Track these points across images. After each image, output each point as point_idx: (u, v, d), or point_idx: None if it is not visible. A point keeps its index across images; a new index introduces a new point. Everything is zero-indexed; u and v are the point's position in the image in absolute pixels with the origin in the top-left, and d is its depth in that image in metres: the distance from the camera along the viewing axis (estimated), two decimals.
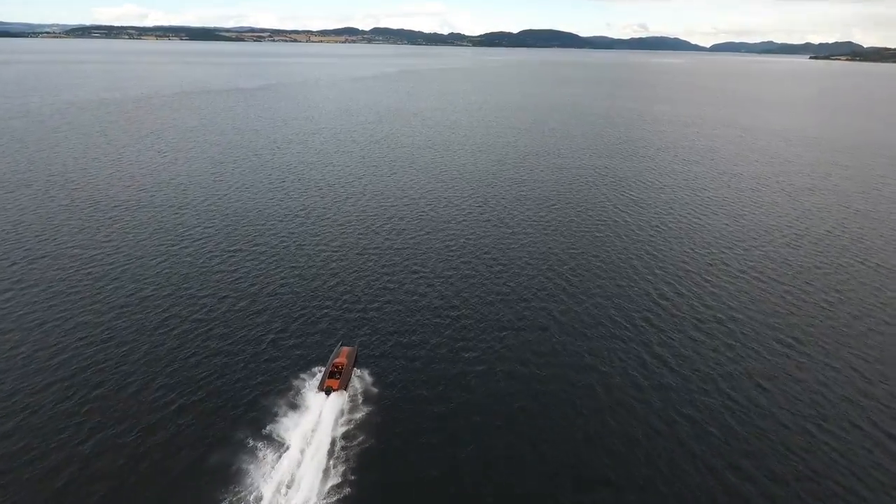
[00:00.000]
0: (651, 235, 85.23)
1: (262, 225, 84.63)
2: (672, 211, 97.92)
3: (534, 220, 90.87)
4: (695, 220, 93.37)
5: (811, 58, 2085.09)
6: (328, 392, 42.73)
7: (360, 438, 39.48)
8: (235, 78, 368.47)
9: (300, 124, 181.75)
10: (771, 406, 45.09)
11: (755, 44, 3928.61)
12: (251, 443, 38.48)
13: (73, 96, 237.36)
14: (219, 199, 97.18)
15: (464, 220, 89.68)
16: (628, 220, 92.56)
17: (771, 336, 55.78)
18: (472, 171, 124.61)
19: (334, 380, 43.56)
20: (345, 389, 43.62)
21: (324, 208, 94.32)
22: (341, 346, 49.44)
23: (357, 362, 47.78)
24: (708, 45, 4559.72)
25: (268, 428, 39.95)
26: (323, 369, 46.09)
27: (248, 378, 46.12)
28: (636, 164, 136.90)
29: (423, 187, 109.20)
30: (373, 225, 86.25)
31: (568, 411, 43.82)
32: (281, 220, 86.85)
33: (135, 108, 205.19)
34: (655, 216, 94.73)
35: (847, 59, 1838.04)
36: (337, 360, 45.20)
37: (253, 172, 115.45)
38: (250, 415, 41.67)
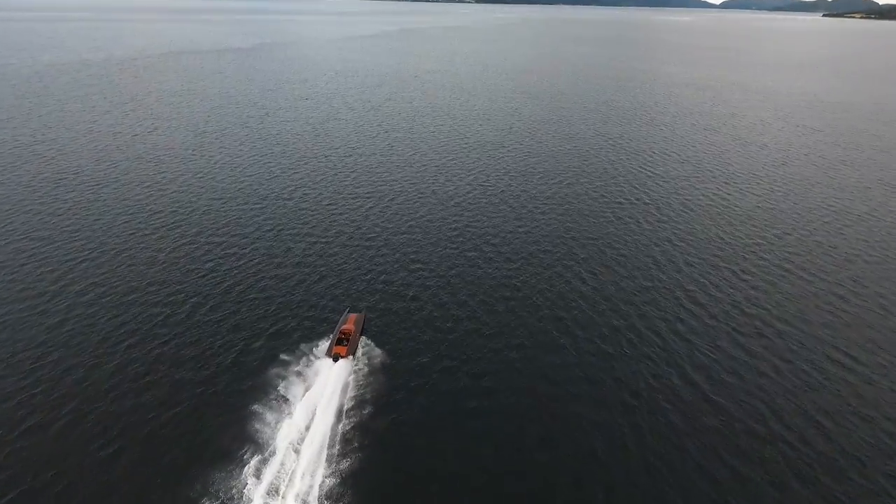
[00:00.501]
0: (674, 218, 76.73)
1: (262, 195, 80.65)
2: (695, 190, 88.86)
3: (544, 199, 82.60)
4: (721, 199, 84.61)
5: (824, 15, 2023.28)
6: (336, 359, 42.50)
7: (367, 406, 39.22)
8: (226, 37, 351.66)
9: (293, 88, 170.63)
10: (833, 452, 37.08)
11: (764, 0, 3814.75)
12: (258, 409, 38.22)
13: (55, 57, 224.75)
14: (216, 168, 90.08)
15: (472, 193, 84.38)
16: (647, 199, 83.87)
17: (822, 353, 47.57)
18: (477, 140, 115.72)
19: (342, 346, 43.36)
20: (352, 356, 43.59)
21: (329, 176, 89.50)
22: (349, 312, 48.95)
23: (364, 329, 47.53)
24: (717, 2, 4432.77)
25: (275, 394, 39.74)
26: (331, 336, 45.88)
27: (254, 344, 45.74)
28: (652, 132, 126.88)
29: (427, 156, 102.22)
30: (377, 193, 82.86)
31: (581, 418, 39.02)
32: (282, 191, 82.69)
33: (118, 71, 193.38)
34: (677, 195, 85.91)
35: (862, 17, 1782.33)
36: (344, 326, 45.04)
37: (247, 140, 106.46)
38: (258, 381, 41.28)
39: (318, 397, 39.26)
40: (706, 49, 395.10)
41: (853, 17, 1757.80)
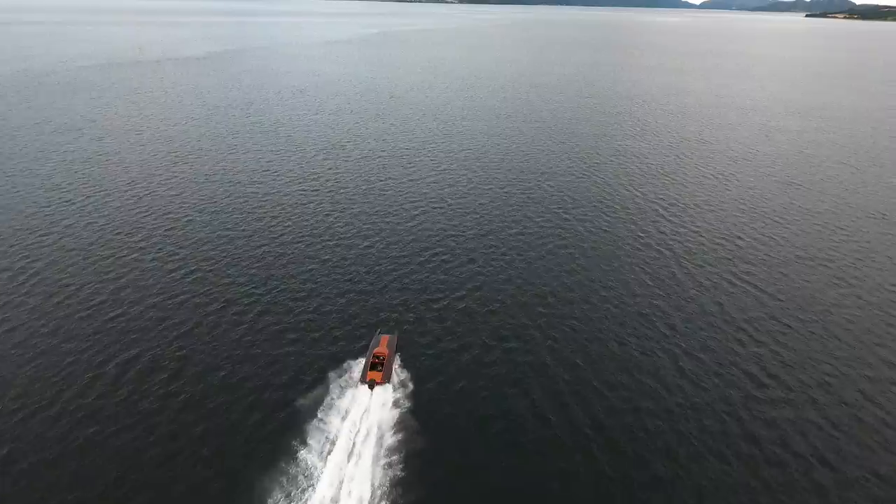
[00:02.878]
0: (685, 253, 67.22)
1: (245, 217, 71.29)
2: (711, 221, 65.56)
3: (558, 225, 76.88)
4: (743, 232, 68.94)
5: (807, 15, 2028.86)
6: (371, 385, 40.79)
7: (406, 433, 37.51)
8: (181, 44, 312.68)
9: (227, 117, 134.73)
10: None
11: (744, 0, 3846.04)
12: (295, 444, 36.28)
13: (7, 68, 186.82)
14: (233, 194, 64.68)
15: (483, 212, 79.68)
16: (662, 229, 71.00)
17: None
18: (477, 160, 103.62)
19: (377, 372, 41.52)
20: (388, 381, 41.59)
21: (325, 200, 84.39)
22: (380, 333, 47.16)
23: (398, 351, 45.63)
24: (698, 1, 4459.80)
25: (311, 426, 37.65)
26: (363, 360, 43.94)
27: (286, 371, 43.72)
28: (665, 151, 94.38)
29: (427, 176, 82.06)
30: (387, 214, 77.67)
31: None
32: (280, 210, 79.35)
33: (28, 89, 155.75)
34: (685, 224, 70.49)
35: (846, 17, 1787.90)
36: (377, 349, 43.40)
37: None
38: (292, 413, 39.25)
39: (355, 427, 37.37)
40: (699, 55, 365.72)
41: (836, 17, 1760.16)
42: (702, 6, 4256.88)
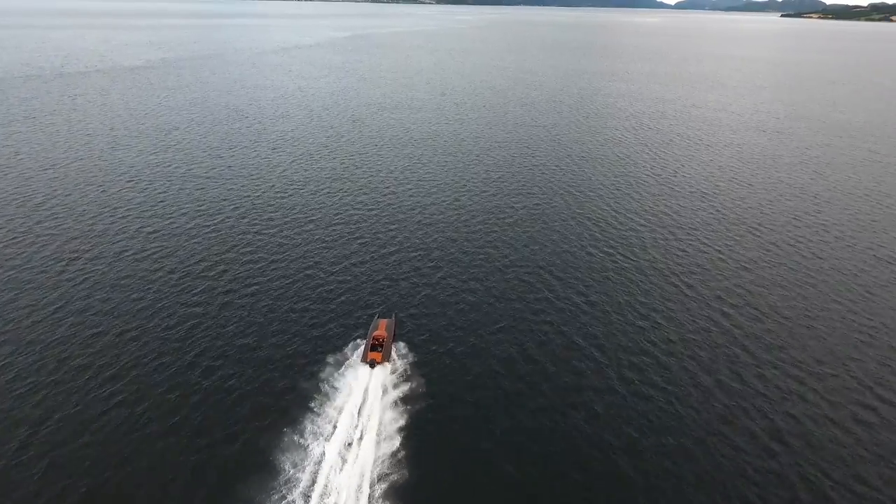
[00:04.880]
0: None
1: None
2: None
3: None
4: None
5: (782, 15, 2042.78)
6: (372, 364, 42.55)
7: (408, 409, 39.22)
8: (120, 50, 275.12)
9: (132, 157, 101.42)
10: None
11: (718, 0, 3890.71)
12: (300, 420, 37.68)
13: None
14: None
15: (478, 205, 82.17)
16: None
17: None
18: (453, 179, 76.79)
19: (377, 353, 43.31)
20: (387, 362, 43.46)
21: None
22: (378, 318, 48.69)
23: (396, 334, 47.55)
24: (672, 2, 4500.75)
25: (315, 403, 39.28)
26: (364, 342, 45.62)
27: (287, 354, 45.51)
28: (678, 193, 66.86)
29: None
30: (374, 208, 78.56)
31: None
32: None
33: None
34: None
35: (820, 17, 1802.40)
36: (377, 332, 45.15)
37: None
38: (295, 392, 40.83)
39: (358, 404, 38.78)
40: (686, 59, 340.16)
41: (811, 17, 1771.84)
42: (677, 6, 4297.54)
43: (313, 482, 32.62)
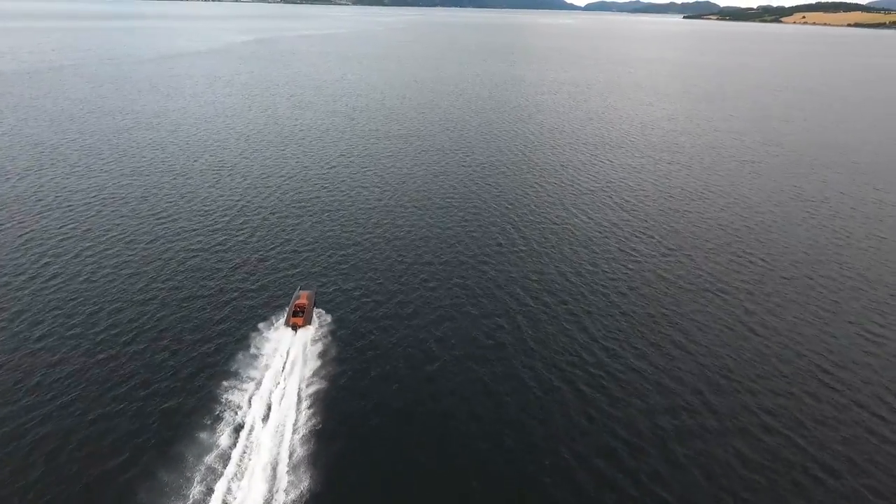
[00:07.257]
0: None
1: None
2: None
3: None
4: None
5: (685, 17, 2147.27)
6: (294, 328, 45.38)
7: (328, 369, 41.55)
8: None
9: None
10: None
11: (625, 3, 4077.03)
12: (225, 382, 39.49)
13: None
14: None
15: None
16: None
17: None
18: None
19: (298, 318, 46.10)
20: (308, 325, 46.24)
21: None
22: (300, 289, 50.67)
23: (316, 305, 49.68)
24: (582, 4, 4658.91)
25: (240, 365, 41.41)
26: (286, 310, 47.65)
27: (212, 321, 47.93)
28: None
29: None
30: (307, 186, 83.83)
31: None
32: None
33: None
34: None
35: (718, 19, 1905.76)
36: (298, 301, 47.48)
37: None
38: (221, 356, 42.93)
39: (281, 364, 41.02)
40: (608, 61, 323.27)
41: (710, 19, 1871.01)
42: (587, 7, 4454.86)
43: (237, 436, 34.47)
